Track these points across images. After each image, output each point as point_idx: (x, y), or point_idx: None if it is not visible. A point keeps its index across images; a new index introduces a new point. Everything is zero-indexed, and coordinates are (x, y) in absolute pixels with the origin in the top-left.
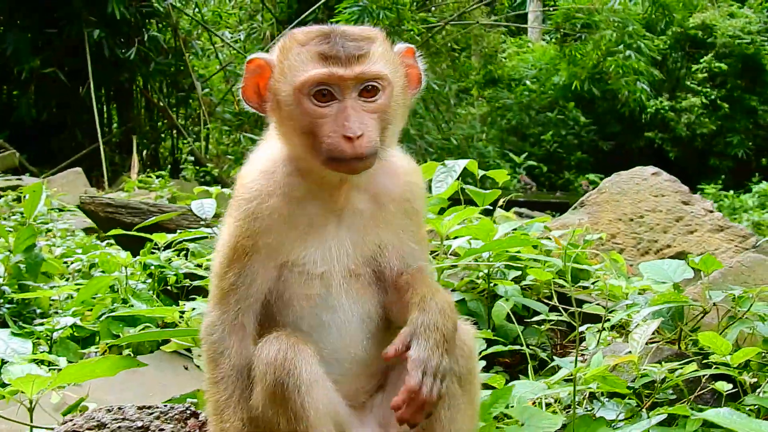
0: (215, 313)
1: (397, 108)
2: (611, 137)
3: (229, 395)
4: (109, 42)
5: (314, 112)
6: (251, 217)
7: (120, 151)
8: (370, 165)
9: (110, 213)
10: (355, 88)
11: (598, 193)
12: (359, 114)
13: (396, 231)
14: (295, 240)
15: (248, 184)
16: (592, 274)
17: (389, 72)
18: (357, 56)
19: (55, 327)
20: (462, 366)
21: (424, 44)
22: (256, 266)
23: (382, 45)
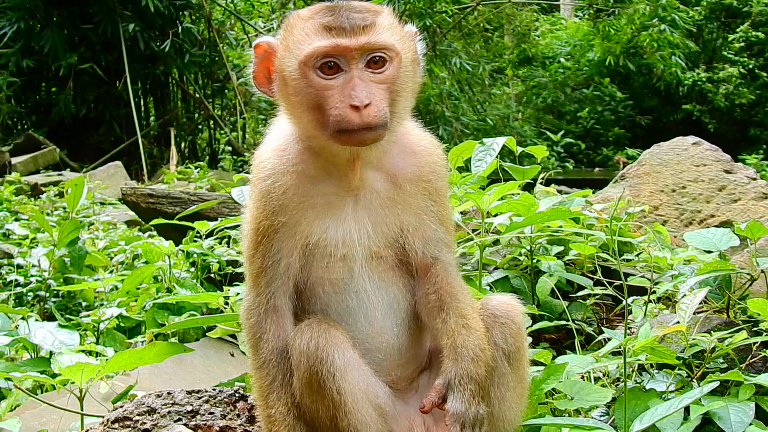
0: (250, 296)
1: (407, 81)
2: (648, 112)
3: (271, 380)
4: (144, 36)
5: (320, 85)
6: (267, 196)
7: (158, 144)
8: (380, 137)
9: (152, 203)
10: (362, 59)
11: (638, 166)
12: (366, 84)
13: (417, 212)
14: (312, 220)
15: (262, 164)
16: (635, 246)
17: (396, 42)
18: (362, 26)
19: (101, 318)
20: (510, 344)
21: (457, 25)
22: (278, 246)
23: (389, 17)
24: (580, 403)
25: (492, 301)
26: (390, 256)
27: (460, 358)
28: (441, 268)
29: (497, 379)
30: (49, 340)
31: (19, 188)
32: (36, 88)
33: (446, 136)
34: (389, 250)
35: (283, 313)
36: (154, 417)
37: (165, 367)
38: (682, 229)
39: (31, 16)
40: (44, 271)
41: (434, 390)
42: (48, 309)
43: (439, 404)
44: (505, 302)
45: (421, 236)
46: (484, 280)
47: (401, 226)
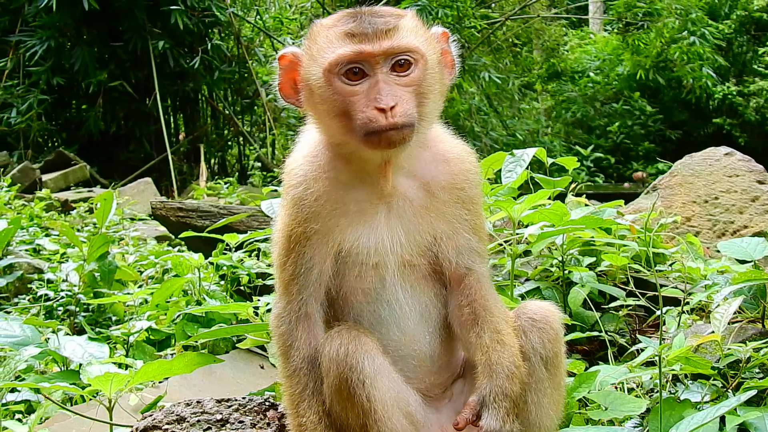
0: (281, 304)
1: (434, 83)
2: (678, 126)
3: (302, 388)
4: (174, 53)
5: (346, 91)
6: (299, 203)
7: (188, 160)
8: (408, 137)
9: (181, 217)
10: (386, 63)
11: (670, 176)
12: (392, 87)
13: (450, 221)
14: (345, 227)
15: (293, 171)
16: (668, 257)
17: (420, 45)
18: (385, 31)
19: (130, 331)
20: (548, 349)
21: (486, 40)
22: (310, 253)
23: (413, 20)
24: (614, 413)
25: (530, 305)
26: (423, 265)
27: (495, 375)
28: (474, 279)
29: (534, 385)
30: (78, 352)
31: (49, 204)
32: (66, 105)
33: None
34: (422, 258)
35: (315, 320)
36: (183, 426)
37: (194, 379)
38: (715, 240)
39: (62, 34)
40: (74, 285)
41: (468, 407)
42: (78, 323)
43: (473, 421)
44: (543, 308)
45: (455, 245)
46: (516, 291)
47: (434, 234)
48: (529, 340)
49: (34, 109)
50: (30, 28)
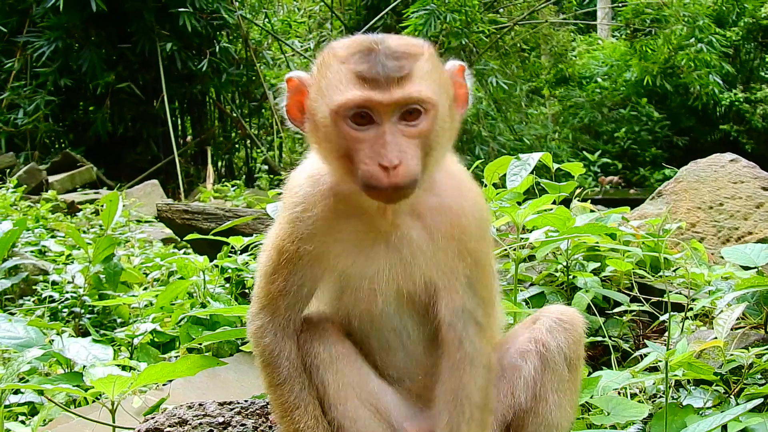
0: (265, 316)
1: (443, 132)
2: (685, 132)
3: (295, 396)
4: (182, 55)
5: (351, 136)
6: (295, 223)
7: (195, 163)
8: (408, 194)
9: (187, 219)
10: (396, 112)
11: (675, 183)
12: (398, 140)
13: (446, 272)
14: (340, 253)
15: (294, 188)
16: (672, 263)
17: (433, 94)
18: (398, 79)
19: (135, 333)
20: (572, 351)
21: (494, 45)
22: (301, 272)
23: (429, 62)
24: (617, 418)
25: (556, 307)
26: (423, 300)
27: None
28: (462, 359)
29: (557, 385)
30: (82, 354)
31: (55, 206)
32: (74, 107)
33: (483, 156)
34: (421, 295)
35: (298, 329)
36: (185, 428)
37: (198, 382)
38: (719, 246)
39: (69, 35)
40: (79, 287)
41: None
42: (83, 325)
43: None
44: (570, 310)
45: (450, 304)
46: (520, 296)
47: (431, 280)
48: (555, 338)
49: (41, 110)
50: (38, 29)
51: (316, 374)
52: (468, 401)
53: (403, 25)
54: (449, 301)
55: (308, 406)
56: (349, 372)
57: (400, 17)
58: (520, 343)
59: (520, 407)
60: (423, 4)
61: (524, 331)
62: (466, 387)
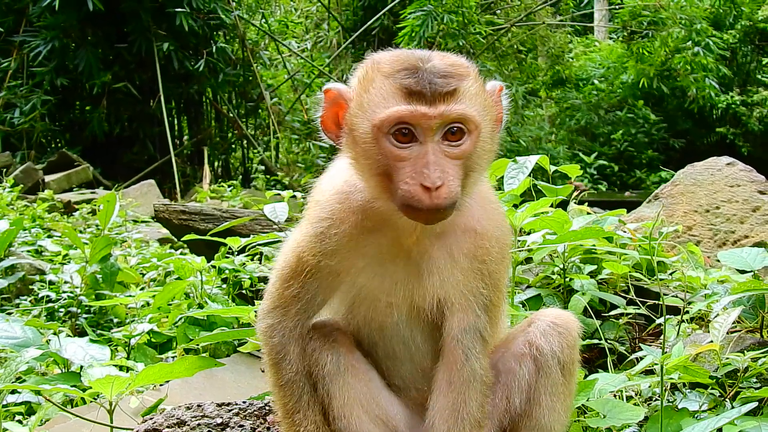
0: (275, 316)
1: (484, 154)
2: (682, 134)
3: (297, 399)
4: (178, 55)
5: (393, 154)
6: (319, 237)
7: (192, 163)
8: (447, 216)
9: (184, 220)
10: (439, 131)
11: (672, 186)
12: (440, 160)
13: (464, 291)
14: (360, 268)
15: (323, 203)
16: (669, 266)
17: (477, 114)
18: (444, 94)
19: (132, 333)
20: (567, 355)
21: (491, 47)
22: (317, 282)
23: (474, 83)
24: (613, 421)
25: (551, 311)
26: (435, 316)
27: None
28: (466, 376)
29: (550, 388)
30: (79, 354)
31: (52, 206)
32: (70, 106)
33: None
34: (434, 311)
35: (305, 334)
36: (183, 429)
37: (196, 382)
38: (716, 249)
39: (66, 35)
40: (76, 287)
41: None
42: (80, 325)
43: None
44: (565, 314)
45: (463, 322)
46: (517, 298)
47: (447, 297)
48: (548, 342)
49: (38, 109)
50: (34, 29)
51: (323, 384)
52: (469, 417)
53: (400, 26)
54: (462, 319)
55: (308, 411)
56: (356, 384)
57: (398, 18)
58: (516, 346)
59: (515, 411)
60: (420, 5)
61: (519, 335)
62: (468, 403)
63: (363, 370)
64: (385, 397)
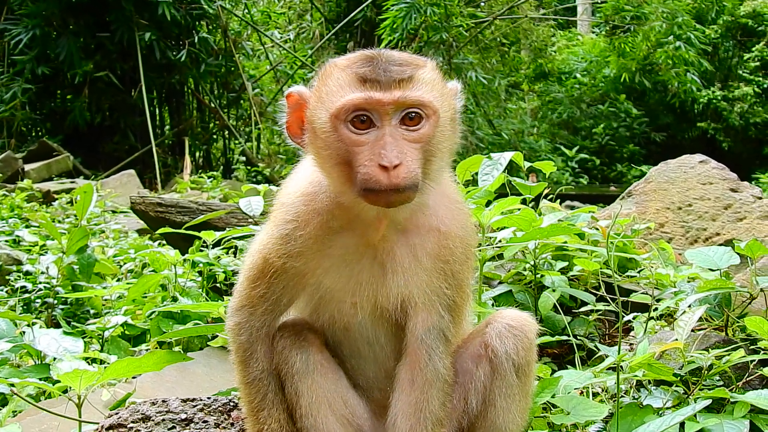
0: (243, 315)
1: (444, 140)
2: (663, 128)
3: (262, 397)
4: (160, 44)
5: (351, 140)
6: (285, 239)
7: (172, 153)
8: (409, 198)
9: (160, 212)
10: (396, 115)
11: (645, 183)
12: (398, 142)
13: (427, 291)
14: (327, 268)
15: (288, 205)
16: (639, 263)
17: (434, 99)
18: (399, 80)
19: (106, 326)
20: (521, 357)
21: (473, 39)
22: (284, 283)
23: (431, 72)
24: (577, 418)
25: (508, 312)
26: (398, 316)
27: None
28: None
29: (504, 390)
30: (53, 347)
31: (31, 195)
32: (51, 95)
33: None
34: (397, 312)
35: (272, 333)
36: (148, 425)
37: (167, 376)
38: (688, 246)
39: (48, 23)
40: (53, 278)
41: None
42: (55, 316)
43: None
44: (521, 316)
45: (426, 322)
46: (488, 294)
47: (410, 297)
48: (503, 344)
49: (18, 98)
50: (15, 17)
51: (291, 383)
52: (431, 416)
53: (383, 18)
54: (425, 319)
55: (272, 410)
56: (324, 383)
57: (380, 10)
58: (473, 347)
59: (472, 412)
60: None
61: (477, 335)
62: (431, 402)
63: (331, 369)
64: (352, 397)
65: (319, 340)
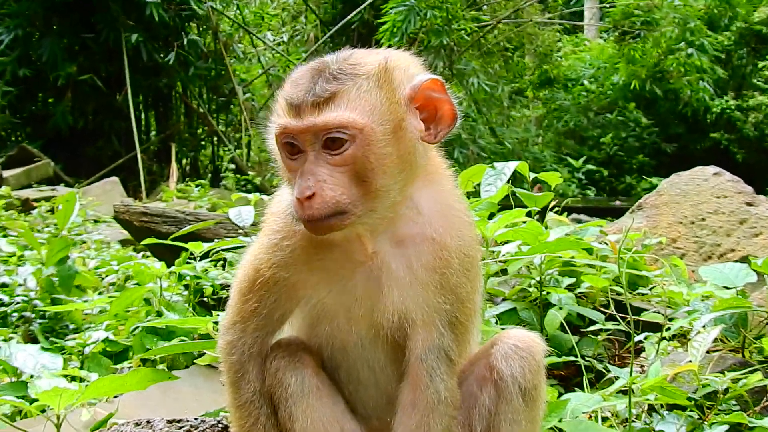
0: (235, 332)
1: (381, 158)
2: (675, 139)
3: (254, 421)
4: (148, 46)
5: (287, 165)
6: (273, 249)
7: (158, 160)
8: (339, 226)
9: (145, 222)
10: (316, 140)
11: (656, 195)
12: (318, 169)
13: (424, 306)
14: (317, 283)
15: (278, 214)
16: (651, 280)
17: (358, 117)
18: (315, 104)
19: (86, 342)
20: (528, 381)
21: (476, 44)
22: (275, 296)
23: (367, 82)
24: None
25: (515, 332)
26: (398, 336)
27: None
28: (430, 398)
29: (510, 415)
30: (30, 363)
31: (9, 203)
32: (33, 98)
33: (462, 159)
34: (397, 331)
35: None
36: None
37: (150, 395)
38: (701, 263)
39: (30, 23)
40: (31, 290)
41: None
42: (32, 331)
43: None
44: (529, 336)
45: (426, 341)
46: (491, 312)
47: (408, 314)
48: (509, 367)
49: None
50: None
51: (284, 406)
52: None
53: (381, 21)
54: (425, 338)
55: None
56: (320, 407)
57: (379, 12)
58: (478, 369)
59: None
60: (402, 1)
61: (483, 356)
62: (433, 427)
63: (328, 393)
64: (349, 423)
65: (314, 361)
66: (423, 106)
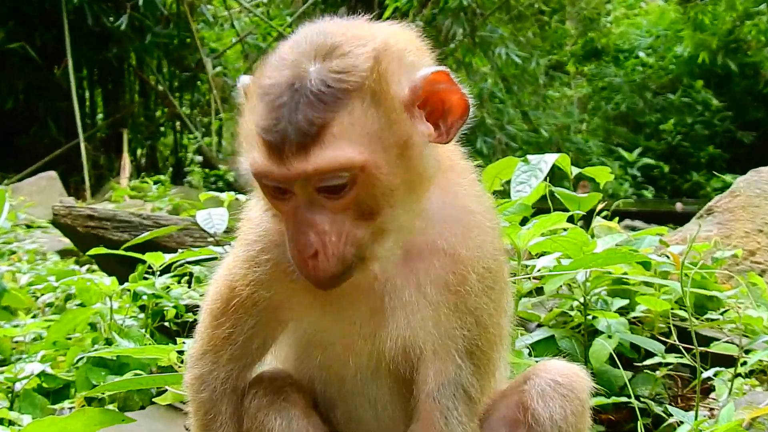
0: (205, 364)
1: (388, 188)
2: (753, 126)
3: None
4: (94, 9)
5: (273, 203)
6: (251, 263)
7: (107, 150)
8: (345, 279)
9: (92, 228)
10: (309, 184)
11: (730, 197)
12: (316, 219)
13: (437, 333)
14: (307, 304)
15: (256, 221)
16: (723, 302)
17: (359, 153)
18: (302, 144)
19: (17, 376)
20: (571, 425)
21: (504, 5)
22: (254, 320)
23: (361, 102)
24: None
25: (554, 365)
26: (405, 368)
27: None
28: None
29: None
30: None
31: None
32: None
33: (487, 150)
34: (403, 362)
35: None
36: None
37: None
38: None
39: None
40: None
41: None
42: None
43: None
44: (571, 370)
45: (439, 373)
46: (524, 341)
47: (415, 341)
48: (547, 407)
49: None
50: None
51: None
52: None
53: None
54: (439, 371)
55: None
56: None
57: None
58: (507, 409)
59: None
60: None
61: (512, 394)
62: None
63: None
64: None
65: (304, 400)
66: (427, 102)
